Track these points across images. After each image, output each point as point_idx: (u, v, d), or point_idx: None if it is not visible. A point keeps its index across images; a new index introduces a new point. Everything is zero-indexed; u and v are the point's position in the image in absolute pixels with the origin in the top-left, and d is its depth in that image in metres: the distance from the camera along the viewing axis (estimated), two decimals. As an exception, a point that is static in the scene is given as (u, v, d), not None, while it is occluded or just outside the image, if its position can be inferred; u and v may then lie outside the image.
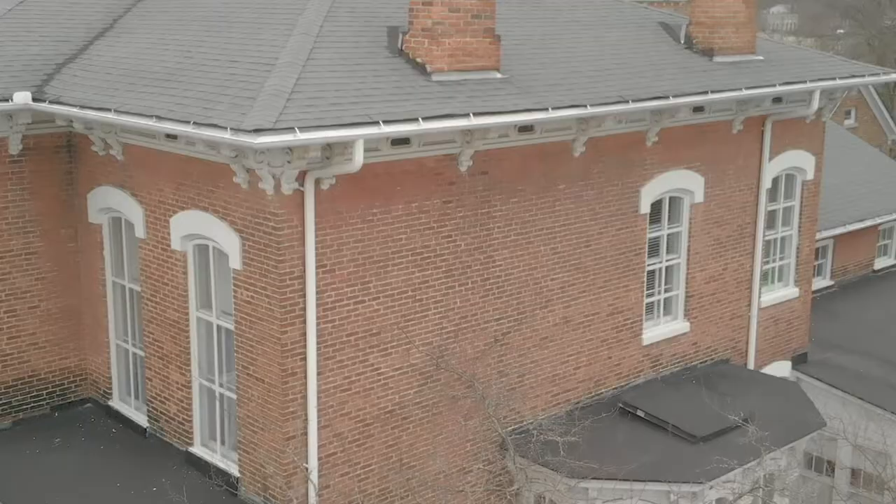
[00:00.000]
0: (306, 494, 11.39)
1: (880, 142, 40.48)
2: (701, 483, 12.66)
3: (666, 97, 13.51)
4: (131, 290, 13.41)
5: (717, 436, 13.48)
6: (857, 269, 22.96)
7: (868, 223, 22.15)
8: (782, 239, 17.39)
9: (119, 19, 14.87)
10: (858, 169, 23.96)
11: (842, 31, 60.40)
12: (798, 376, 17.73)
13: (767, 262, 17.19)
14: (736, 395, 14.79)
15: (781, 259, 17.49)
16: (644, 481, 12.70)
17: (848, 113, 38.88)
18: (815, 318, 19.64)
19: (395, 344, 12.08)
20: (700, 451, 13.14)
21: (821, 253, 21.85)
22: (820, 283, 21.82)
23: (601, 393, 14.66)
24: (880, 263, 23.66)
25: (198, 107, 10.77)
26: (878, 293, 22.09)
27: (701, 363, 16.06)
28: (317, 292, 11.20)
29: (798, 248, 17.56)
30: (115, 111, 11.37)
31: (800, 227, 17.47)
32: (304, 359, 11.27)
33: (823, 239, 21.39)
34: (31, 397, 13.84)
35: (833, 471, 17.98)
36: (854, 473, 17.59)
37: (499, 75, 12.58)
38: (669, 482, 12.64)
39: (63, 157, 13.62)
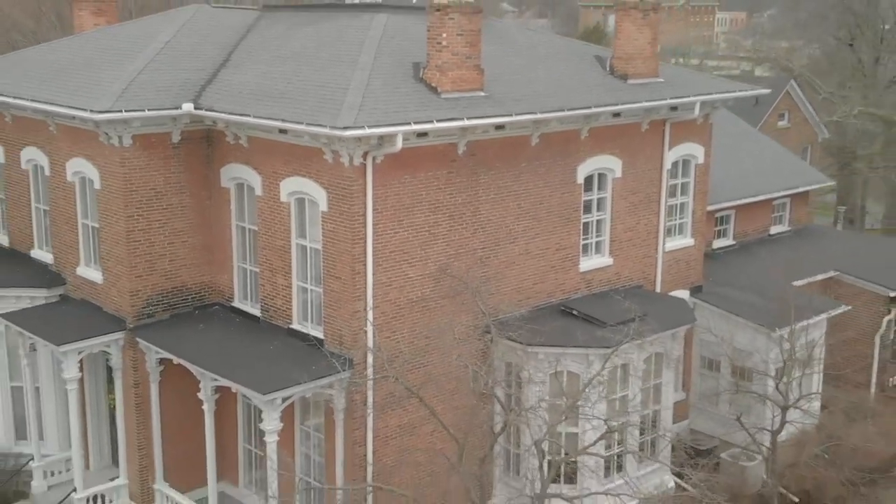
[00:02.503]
0: (365, 346, 18.98)
1: (811, 140, 47.79)
2: (607, 348, 20.16)
3: (590, 107, 21.09)
4: (249, 229, 20.97)
5: (621, 323, 20.93)
6: (756, 234, 30.54)
7: (761, 198, 29.79)
8: (681, 204, 24.94)
9: (231, 54, 22.44)
10: (758, 157, 31.57)
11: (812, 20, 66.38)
12: (694, 301, 25.33)
13: (671, 220, 24.75)
14: (641, 305, 22.22)
15: (681, 218, 25.04)
16: (572, 347, 20.33)
17: (782, 115, 46.07)
18: (716, 266, 27.34)
19: (417, 259, 19.65)
20: (609, 332, 20.58)
21: (725, 220, 29.46)
22: (724, 242, 29.47)
23: (551, 302, 22.22)
24: (775, 230, 31.28)
25: (305, 114, 18.34)
26: (768, 250, 29.70)
27: (622, 287, 23.63)
28: (372, 225, 18.76)
29: (693, 211, 25.14)
30: (253, 116, 18.98)
31: (694, 196, 25.04)
32: (365, 265, 18.83)
33: (726, 209, 29.03)
34: (181, 299, 21.42)
35: (719, 368, 25.62)
36: (733, 369, 25.19)
37: (483, 94, 20.11)
38: (587, 348, 20.23)
39: (204, 145, 21.18)
